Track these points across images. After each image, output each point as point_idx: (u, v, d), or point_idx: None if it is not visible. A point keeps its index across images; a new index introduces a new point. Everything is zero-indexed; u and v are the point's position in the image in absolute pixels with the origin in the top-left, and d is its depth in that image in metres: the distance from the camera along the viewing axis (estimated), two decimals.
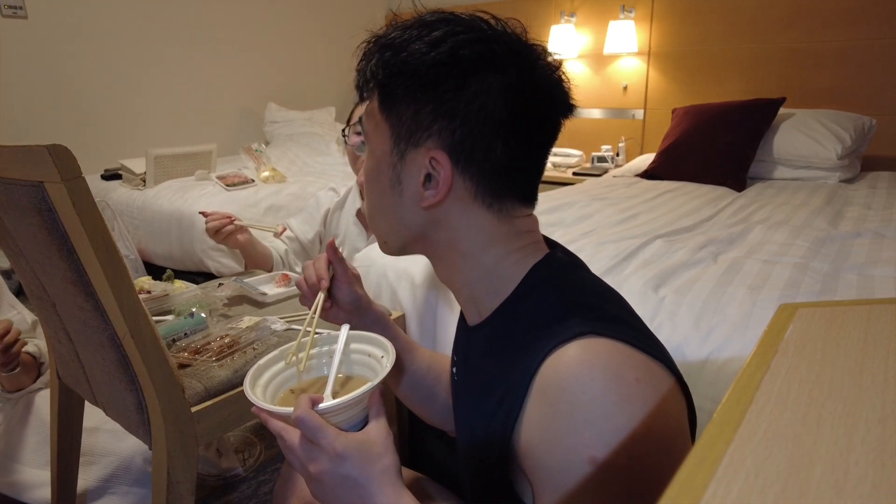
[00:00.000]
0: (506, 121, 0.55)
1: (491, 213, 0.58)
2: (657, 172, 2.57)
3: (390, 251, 0.65)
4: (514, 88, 0.55)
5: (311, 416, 0.52)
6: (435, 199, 0.57)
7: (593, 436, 0.46)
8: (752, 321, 1.01)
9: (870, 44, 2.60)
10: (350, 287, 0.75)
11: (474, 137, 0.55)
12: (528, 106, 0.56)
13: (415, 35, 0.54)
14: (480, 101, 0.54)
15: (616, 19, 3.23)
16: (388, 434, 0.56)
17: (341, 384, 0.65)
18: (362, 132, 0.63)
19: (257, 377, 0.62)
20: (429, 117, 0.55)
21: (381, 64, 0.56)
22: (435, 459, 1.42)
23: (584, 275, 0.62)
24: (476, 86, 0.54)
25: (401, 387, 0.82)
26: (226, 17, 3.42)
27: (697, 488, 0.21)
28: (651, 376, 0.49)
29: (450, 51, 0.53)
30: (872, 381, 0.28)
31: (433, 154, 0.55)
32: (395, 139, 0.57)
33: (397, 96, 0.56)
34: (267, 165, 2.77)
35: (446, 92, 0.54)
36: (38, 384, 1.32)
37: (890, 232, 1.52)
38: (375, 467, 0.53)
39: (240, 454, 1.64)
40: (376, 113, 0.59)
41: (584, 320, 0.51)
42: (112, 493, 1.26)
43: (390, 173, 0.58)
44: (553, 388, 0.48)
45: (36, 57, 2.69)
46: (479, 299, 0.61)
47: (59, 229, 0.74)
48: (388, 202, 0.60)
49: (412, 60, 0.54)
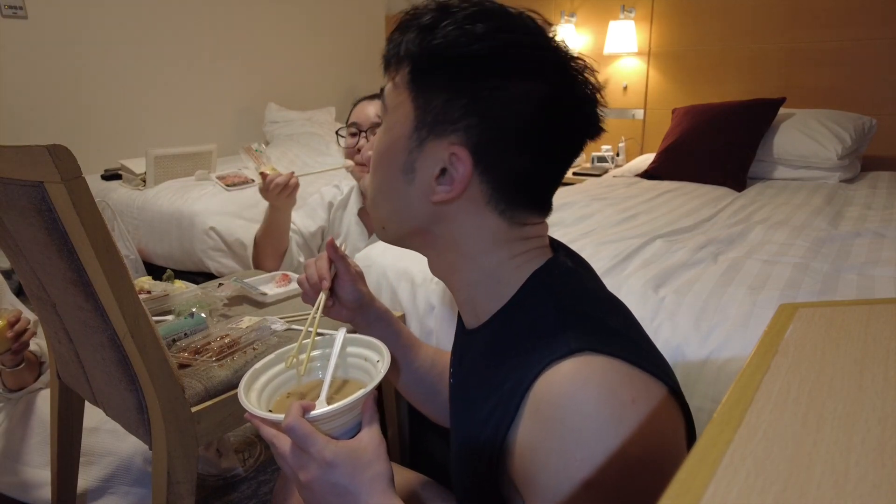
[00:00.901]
0: (536, 132, 0.53)
1: (502, 219, 0.56)
2: (657, 172, 2.57)
3: (387, 238, 0.62)
4: (553, 101, 0.53)
5: (300, 424, 0.52)
6: (447, 196, 0.54)
7: (585, 457, 0.45)
8: (752, 321, 1.01)
9: (870, 44, 2.60)
10: (353, 285, 0.74)
11: (502, 143, 0.53)
12: (563, 121, 0.54)
13: (462, 21, 0.51)
14: (517, 108, 0.52)
15: (616, 19, 3.23)
16: (380, 441, 0.55)
17: (337, 388, 0.64)
18: (382, 105, 0.60)
19: (252, 382, 0.62)
20: (460, 111, 0.52)
21: (420, 42, 0.53)
22: (435, 459, 1.42)
23: (586, 281, 0.60)
24: (516, 90, 0.51)
25: (404, 383, 0.82)
26: (226, 17, 3.42)
27: (697, 488, 0.21)
28: (647, 395, 0.47)
29: (500, 48, 0.51)
30: (872, 381, 0.28)
31: (455, 150, 0.53)
32: (418, 123, 0.54)
33: (431, 80, 0.53)
34: (267, 165, 2.76)
35: (484, 89, 0.51)
36: (38, 384, 1.32)
37: (890, 232, 1.52)
38: (366, 475, 0.52)
39: (240, 454, 1.64)
40: (403, 90, 0.55)
41: (579, 334, 0.49)
42: (112, 493, 1.26)
43: (404, 158, 0.56)
44: (546, 406, 0.47)
45: (36, 57, 2.69)
46: (478, 302, 0.60)
47: (59, 229, 0.74)
48: (396, 187, 0.57)
49: (456, 47, 0.51)
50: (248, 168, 2.77)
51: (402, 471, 0.91)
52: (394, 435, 1.37)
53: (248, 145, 1.64)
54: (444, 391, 0.82)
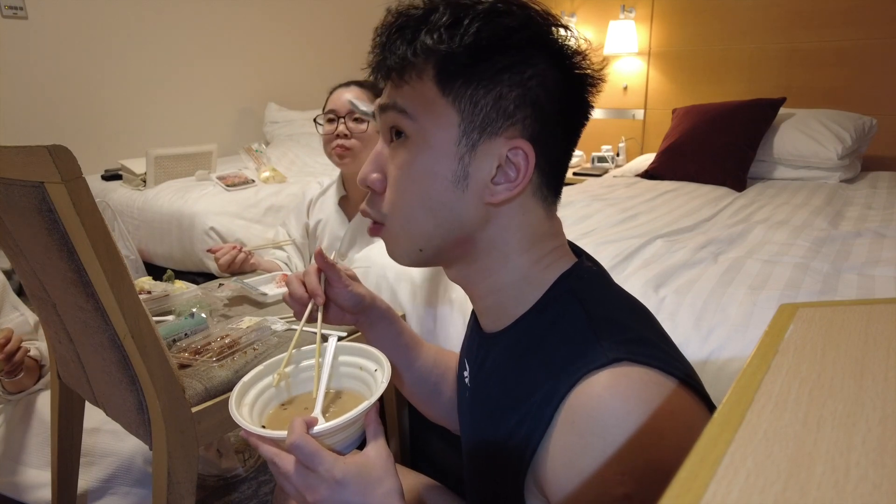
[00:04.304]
0: (569, 109, 0.55)
1: (543, 209, 0.56)
2: (657, 172, 2.57)
3: (422, 259, 0.58)
4: (572, 76, 0.54)
5: (306, 442, 0.49)
6: (510, 194, 0.53)
7: (625, 471, 0.43)
8: (753, 321, 1.01)
9: (870, 44, 2.60)
10: (348, 290, 0.70)
11: (551, 126, 0.53)
12: (582, 92, 0.56)
13: (487, 15, 0.50)
14: (559, 90, 0.53)
15: (616, 19, 3.23)
16: (388, 456, 0.53)
17: (332, 400, 0.62)
18: (392, 120, 0.55)
19: (243, 395, 0.59)
20: (512, 104, 0.51)
21: (448, 42, 0.50)
22: (437, 462, 1.42)
23: (612, 287, 0.59)
24: (551, 75, 0.52)
25: (405, 383, 0.80)
26: (226, 17, 3.42)
27: (698, 488, 0.21)
28: (684, 407, 0.46)
29: (535, 37, 0.52)
30: (873, 381, 0.28)
31: (517, 143, 0.52)
32: (467, 128, 0.52)
33: (471, 79, 0.51)
34: (267, 166, 2.77)
35: (531, 78, 0.51)
36: (39, 385, 1.32)
37: (890, 232, 1.52)
38: (377, 492, 0.50)
39: (240, 454, 1.64)
40: (435, 95, 0.52)
41: (615, 343, 0.48)
42: (112, 494, 1.26)
43: (455, 166, 0.52)
44: (583, 419, 0.46)
45: (36, 57, 2.69)
46: (502, 306, 0.58)
47: (60, 230, 0.74)
48: (445, 199, 0.53)
49: (494, 41, 0.50)
50: (248, 168, 2.78)
51: (406, 473, 0.91)
52: (396, 440, 1.36)
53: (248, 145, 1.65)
54: (447, 391, 0.81)
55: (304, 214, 1.64)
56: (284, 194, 2.53)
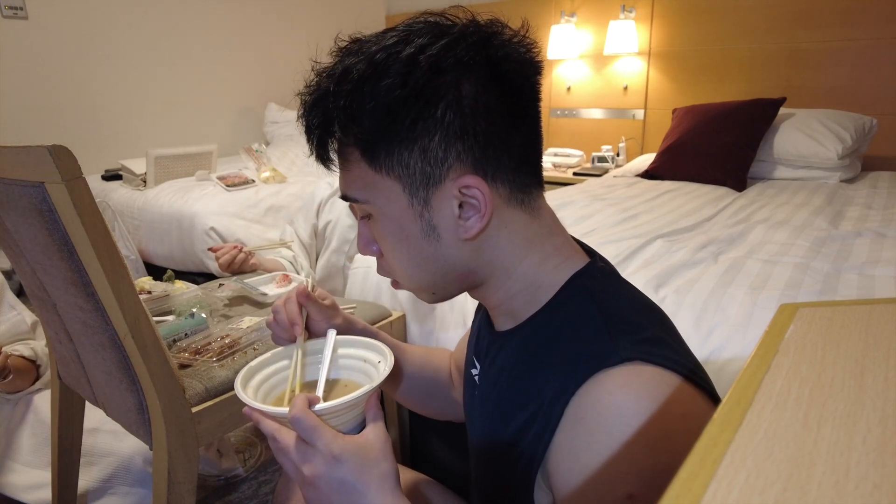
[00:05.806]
0: (507, 107, 0.52)
1: (523, 212, 0.55)
2: (658, 172, 2.57)
3: (439, 298, 0.60)
4: (501, 73, 0.51)
5: (307, 416, 0.50)
6: (481, 224, 0.52)
7: (632, 471, 0.43)
8: (753, 321, 1.01)
9: (870, 44, 2.60)
10: (329, 322, 0.70)
11: (493, 141, 0.51)
12: (517, 81, 0.53)
13: (369, 78, 0.48)
14: (482, 102, 0.50)
15: (616, 19, 3.23)
16: (386, 439, 0.53)
17: (333, 386, 0.64)
18: (357, 206, 0.56)
19: (248, 379, 0.60)
20: (439, 148, 0.50)
21: (350, 124, 0.50)
22: (435, 460, 1.42)
23: (626, 286, 0.59)
24: (469, 89, 0.49)
25: (398, 391, 0.81)
26: (226, 17, 3.42)
27: (698, 488, 0.21)
28: (696, 411, 0.46)
29: (430, 68, 0.48)
30: (873, 381, 0.28)
31: (463, 182, 0.51)
32: (411, 190, 0.52)
33: (391, 147, 0.50)
34: (267, 166, 2.77)
35: (446, 112, 0.49)
36: (37, 385, 1.32)
37: (891, 232, 1.51)
38: (373, 473, 0.50)
39: (240, 454, 1.64)
40: (370, 175, 0.53)
41: (629, 343, 0.48)
42: (112, 494, 1.26)
43: (419, 225, 0.53)
44: (592, 415, 0.46)
45: (36, 57, 2.69)
46: (516, 309, 0.59)
47: (60, 230, 0.74)
48: (426, 253, 0.55)
49: (390, 98, 0.48)
50: (248, 168, 2.78)
51: (404, 471, 0.91)
52: (395, 436, 1.37)
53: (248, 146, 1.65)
54: (442, 387, 0.82)
55: (314, 215, 1.63)
56: (284, 194, 2.53)
